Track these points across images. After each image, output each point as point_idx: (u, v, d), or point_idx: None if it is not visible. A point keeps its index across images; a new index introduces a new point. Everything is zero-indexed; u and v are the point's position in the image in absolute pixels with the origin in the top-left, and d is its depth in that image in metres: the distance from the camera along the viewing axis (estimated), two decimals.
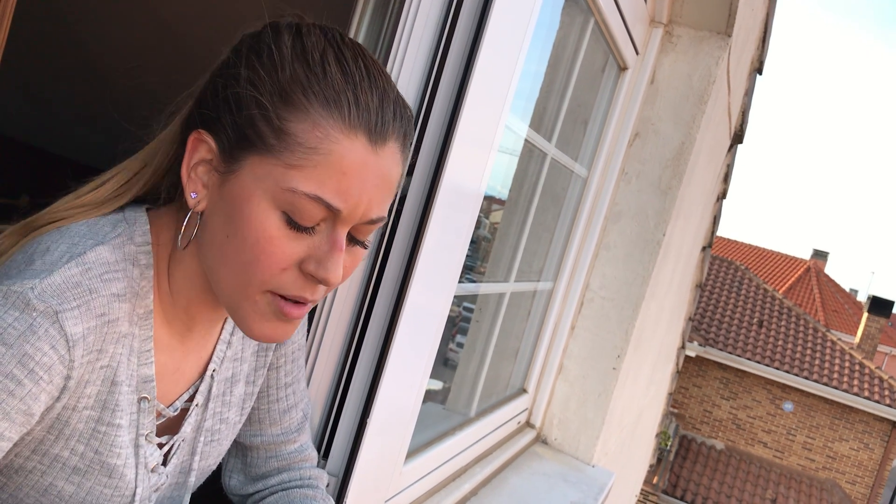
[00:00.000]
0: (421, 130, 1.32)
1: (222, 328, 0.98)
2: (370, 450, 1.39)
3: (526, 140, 2.09)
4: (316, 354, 1.42)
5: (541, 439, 2.66)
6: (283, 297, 0.80)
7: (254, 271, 0.78)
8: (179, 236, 0.83)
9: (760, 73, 3.73)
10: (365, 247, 0.84)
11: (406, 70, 1.32)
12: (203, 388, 0.96)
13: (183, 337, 0.91)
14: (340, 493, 1.36)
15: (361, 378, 1.39)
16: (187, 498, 0.98)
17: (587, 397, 2.60)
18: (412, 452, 1.64)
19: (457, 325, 2.42)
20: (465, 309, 2.41)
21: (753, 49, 3.47)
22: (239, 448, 1.11)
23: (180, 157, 0.84)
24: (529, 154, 2.28)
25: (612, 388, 2.57)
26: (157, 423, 0.91)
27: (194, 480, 0.98)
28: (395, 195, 0.87)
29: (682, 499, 16.39)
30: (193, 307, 0.89)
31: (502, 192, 2.36)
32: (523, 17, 1.44)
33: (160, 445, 0.92)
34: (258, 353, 1.05)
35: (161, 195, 0.90)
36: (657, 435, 7.59)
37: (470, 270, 1.53)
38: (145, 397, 0.86)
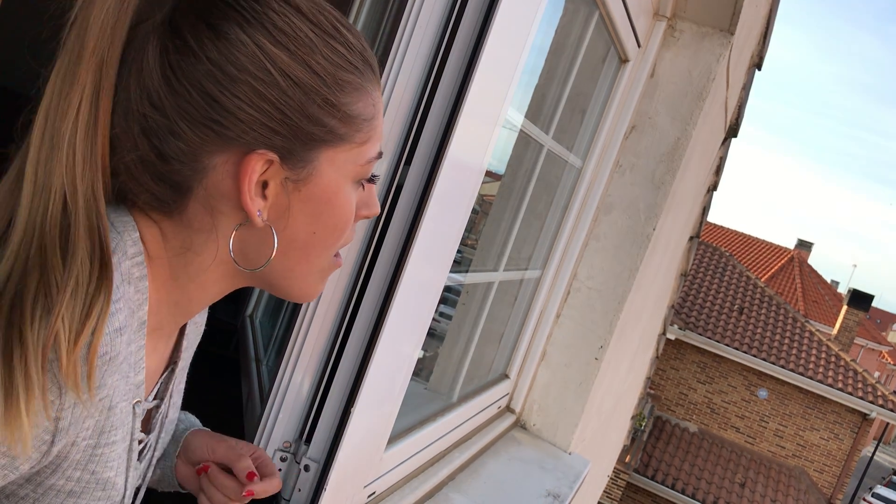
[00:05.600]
0: (427, 103, 1.31)
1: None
2: (354, 435, 1.39)
3: (522, 129, 2.09)
4: (305, 336, 1.42)
5: (520, 424, 2.68)
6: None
7: (335, 246, 0.81)
8: (264, 261, 0.78)
9: (759, 69, 3.72)
10: None
11: (416, 37, 1.30)
12: (168, 382, 0.93)
13: (168, 338, 0.88)
14: (321, 480, 1.37)
15: (349, 362, 1.39)
16: (142, 492, 0.96)
17: (568, 385, 2.62)
18: (394, 438, 1.65)
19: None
20: (449, 278, 2.41)
21: (754, 44, 3.46)
22: None
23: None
24: (526, 142, 2.27)
25: (594, 377, 2.59)
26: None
27: (151, 473, 0.96)
28: None
29: (652, 478, 16.62)
30: (196, 310, 0.85)
31: (497, 166, 2.35)
32: None
33: (139, 441, 0.89)
34: (199, 336, 1.02)
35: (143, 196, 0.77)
36: (632, 417, 7.67)
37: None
38: (138, 401, 0.82)
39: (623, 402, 4.96)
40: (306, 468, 1.40)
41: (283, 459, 1.43)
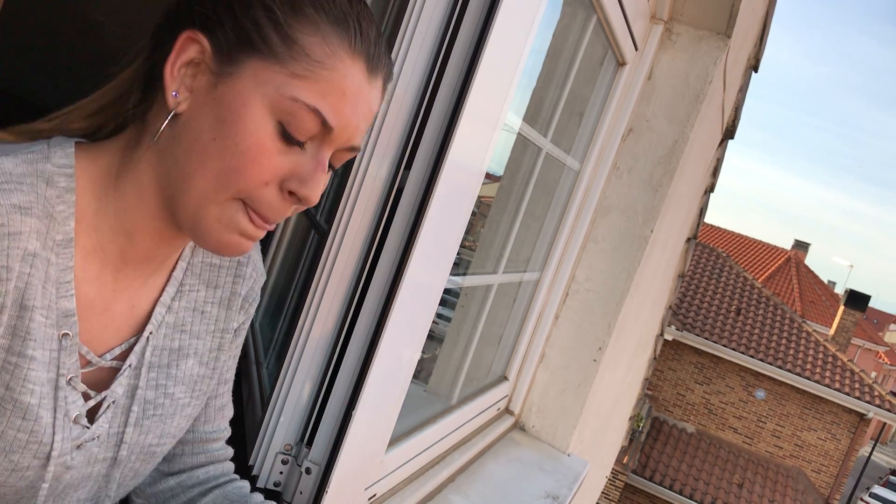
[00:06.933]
0: (428, 107, 1.31)
1: (163, 290, 0.92)
2: (355, 438, 1.40)
3: (520, 132, 2.10)
4: (306, 339, 1.43)
5: (519, 426, 2.69)
6: (251, 209, 0.80)
7: (236, 179, 0.77)
8: (157, 134, 0.81)
9: (756, 71, 3.74)
10: (334, 171, 0.86)
11: (417, 40, 1.31)
12: (138, 348, 0.90)
13: (117, 271, 0.86)
14: (322, 482, 1.37)
15: (350, 365, 1.40)
16: (117, 474, 0.91)
17: (567, 387, 2.63)
18: (394, 440, 1.66)
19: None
20: (449, 280, 2.42)
21: (751, 47, 3.47)
22: None
23: (148, 76, 0.83)
24: (524, 144, 2.28)
25: (592, 379, 2.60)
26: (84, 370, 0.86)
27: (126, 454, 0.91)
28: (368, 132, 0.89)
29: (650, 479, 16.64)
30: (138, 233, 0.85)
31: (496, 168, 2.36)
32: None
33: (86, 396, 0.86)
34: (215, 334, 1.00)
35: (105, 129, 0.86)
36: (630, 418, 7.68)
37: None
38: (66, 333, 0.81)
39: (621, 403, 4.97)
40: (308, 471, 1.40)
41: (284, 462, 1.44)
